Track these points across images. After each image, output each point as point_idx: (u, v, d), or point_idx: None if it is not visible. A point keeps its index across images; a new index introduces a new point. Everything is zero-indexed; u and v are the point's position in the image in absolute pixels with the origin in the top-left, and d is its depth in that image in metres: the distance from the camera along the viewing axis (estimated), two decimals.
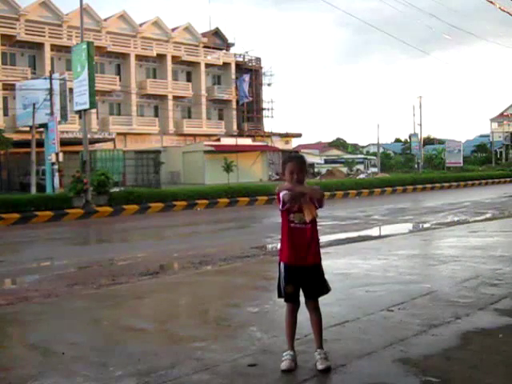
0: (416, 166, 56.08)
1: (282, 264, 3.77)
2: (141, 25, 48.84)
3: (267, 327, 4.72)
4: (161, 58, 48.47)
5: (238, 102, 53.02)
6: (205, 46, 52.53)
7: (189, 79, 51.21)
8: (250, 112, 54.99)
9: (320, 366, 3.62)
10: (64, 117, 29.78)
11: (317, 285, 3.77)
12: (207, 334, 4.64)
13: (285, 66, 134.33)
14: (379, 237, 12.25)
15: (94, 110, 35.08)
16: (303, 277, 3.72)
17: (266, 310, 5.44)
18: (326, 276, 3.85)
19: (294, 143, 62.32)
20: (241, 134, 50.38)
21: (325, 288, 3.81)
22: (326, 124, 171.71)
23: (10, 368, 4.04)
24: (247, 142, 47.10)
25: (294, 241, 3.72)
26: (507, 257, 8.08)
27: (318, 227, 3.82)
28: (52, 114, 27.61)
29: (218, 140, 46.11)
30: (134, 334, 4.77)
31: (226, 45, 55.91)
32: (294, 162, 3.77)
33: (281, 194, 3.71)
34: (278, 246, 3.73)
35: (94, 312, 5.74)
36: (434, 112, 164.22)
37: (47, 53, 41.71)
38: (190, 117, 50.75)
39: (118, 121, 44.97)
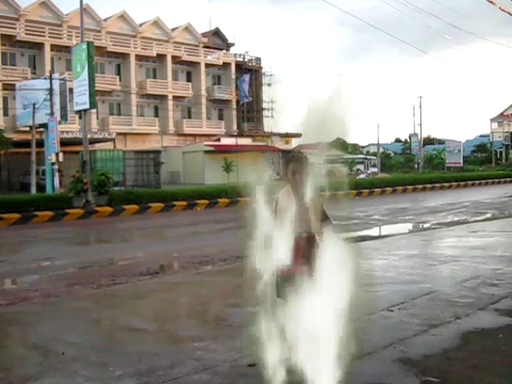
0: (416, 166, 56.15)
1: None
2: (141, 25, 48.82)
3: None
4: (161, 57, 48.45)
5: (238, 102, 53.02)
6: (205, 46, 52.51)
7: (189, 79, 51.19)
8: (250, 112, 54.97)
9: None
10: (64, 117, 29.78)
11: None
12: (207, 334, 4.64)
13: (285, 65, 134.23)
14: (379, 237, 12.25)
15: (93, 110, 35.04)
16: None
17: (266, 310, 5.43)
18: None
19: (294, 143, 62.28)
20: (241, 134, 50.36)
21: None
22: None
23: (9, 368, 4.04)
24: (247, 141, 47.09)
25: (297, 253, 3.63)
26: (507, 257, 8.08)
27: None
28: (52, 114, 27.61)
29: (218, 140, 46.09)
30: (133, 334, 4.77)
31: (226, 45, 55.90)
32: (296, 163, 3.68)
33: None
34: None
35: (93, 312, 5.74)
36: (434, 112, 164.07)
37: (47, 53, 41.68)
38: (190, 117, 50.72)
39: (118, 121, 44.94)
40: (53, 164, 26.83)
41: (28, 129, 30.75)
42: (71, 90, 25.65)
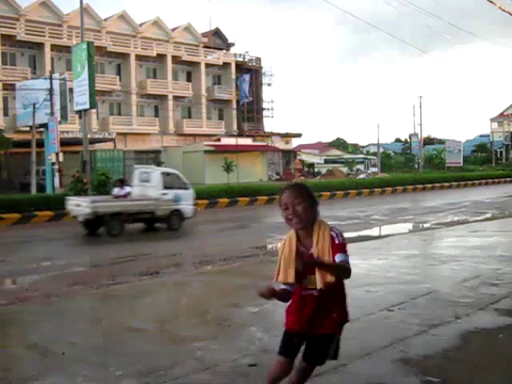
0: (416, 166, 56.10)
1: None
2: (141, 25, 48.81)
3: (267, 327, 4.71)
4: (161, 57, 48.43)
5: (238, 101, 53.02)
6: (205, 46, 52.51)
7: (189, 79, 51.17)
8: (250, 112, 54.97)
9: None
10: (64, 117, 29.78)
11: (320, 353, 2.91)
12: (207, 334, 4.63)
13: (285, 65, 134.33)
14: (379, 237, 12.25)
15: (94, 110, 35.03)
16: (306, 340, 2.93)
17: (266, 310, 5.43)
18: None
19: (294, 143, 62.33)
20: (241, 134, 50.35)
21: (330, 357, 2.94)
22: (325, 124, 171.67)
23: (9, 368, 4.04)
24: (247, 141, 47.07)
25: (302, 310, 2.90)
26: (507, 257, 8.07)
27: None
28: (52, 114, 27.60)
29: (218, 140, 46.08)
30: (133, 334, 4.76)
31: (226, 45, 55.90)
32: (288, 193, 2.83)
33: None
34: (278, 245, 3.58)
35: (94, 312, 5.74)
36: (434, 112, 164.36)
37: (47, 53, 41.66)
38: (190, 117, 50.71)
39: (118, 121, 44.93)
40: (53, 164, 26.82)
41: (28, 129, 30.74)
42: (71, 89, 25.66)
